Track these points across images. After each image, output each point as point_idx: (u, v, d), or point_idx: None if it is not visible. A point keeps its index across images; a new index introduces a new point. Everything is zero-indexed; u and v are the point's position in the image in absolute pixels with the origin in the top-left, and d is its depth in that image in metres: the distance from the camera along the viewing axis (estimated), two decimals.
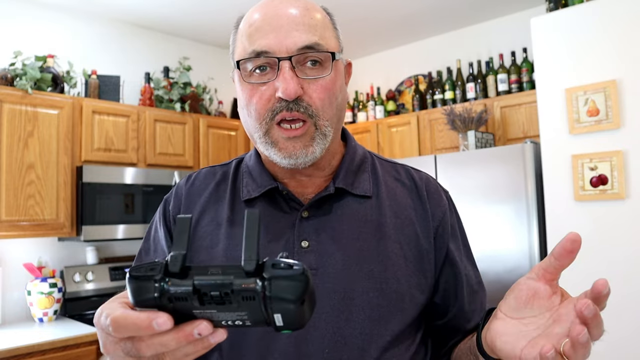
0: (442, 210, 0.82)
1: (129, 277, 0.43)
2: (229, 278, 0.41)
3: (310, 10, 0.74)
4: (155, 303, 0.42)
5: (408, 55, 3.98)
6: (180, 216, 0.45)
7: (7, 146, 2.59)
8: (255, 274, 0.41)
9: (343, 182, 0.79)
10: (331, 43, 0.75)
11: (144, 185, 3.02)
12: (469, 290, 0.82)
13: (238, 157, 0.89)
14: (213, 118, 3.54)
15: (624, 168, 2.13)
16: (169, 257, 0.43)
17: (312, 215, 0.77)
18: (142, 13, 3.32)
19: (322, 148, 0.74)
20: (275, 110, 0.71)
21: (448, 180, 2.74)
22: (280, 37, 0.70)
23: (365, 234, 0.77)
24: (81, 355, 2.43)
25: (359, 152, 0.85)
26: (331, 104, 0.74)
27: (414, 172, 0.86)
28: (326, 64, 0.73)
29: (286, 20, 0.71)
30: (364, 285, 0.73)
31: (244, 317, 0.42)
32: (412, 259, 0.77)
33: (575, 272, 2.39)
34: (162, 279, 0.42)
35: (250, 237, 0.43)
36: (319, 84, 0.72)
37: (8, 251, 2.82)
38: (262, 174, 0.80)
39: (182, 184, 0.87)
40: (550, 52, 2.36)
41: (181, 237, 0.44)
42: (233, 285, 0.41)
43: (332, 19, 0.80)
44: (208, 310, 0.42)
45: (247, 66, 0.73)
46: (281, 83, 0.70)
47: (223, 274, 0.42)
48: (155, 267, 0.42)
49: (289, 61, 0.70)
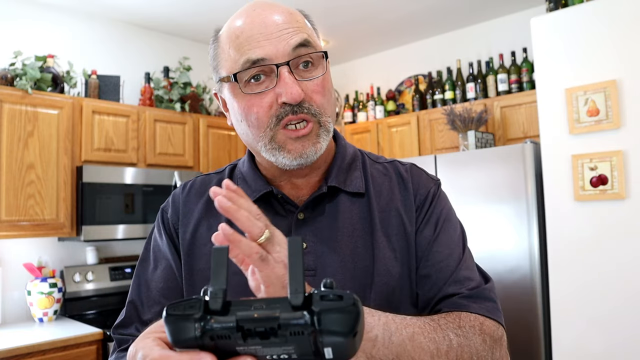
0: (424, 192, 0.82)
1: (167, 316, 0.41)
2: (275, 312, 0.39)
3: (293, 14, 0.75)
4: (196, 343, 0.40)
5: (408, 55, 3.98)
6: (216, 247, 0.43)
7: (7, 146, 2.59)
8: (303, 307, 0.39)
9: (335, 180, 0.80)
10: (318, 42, 0.77)
11: (144, 185, 3.02)
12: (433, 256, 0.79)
13: (231, 164, 0.90)
14: (213, 118, 3.54)
15: (624, 168, 2.13)
16: (209, 294, 0.41)
17: (307, 217, 0.78)
18: (142, 13, 3.32)
19: (327, 143, 0.75)
20: (280, 116, 0.72)
21: (448, 180, 2.74)
22: (273, 43, 0.71)
23: (359, 231, 0.78)
24: (81, 355, 2.43)
25: (350, 150, 0.86)
26: (329, 101, 0.76)
27: (400, 165, 0.88)
28: (318, 63, 0.75)
29: (275, 27, 0.72)
30: (359, 282, 0.75)
31: (290, 351, 0.40)
32: (400, 249, 0.78)
33: (576, 272, 2.40)
34: (203, 317, 0.40)
35: (295, 266, 0.41)
36: (316, 84, 0.73)
37: (8, 251, 2.82)
38: (256, 179, 0.81)
39: (179, 192, 0.88)
40: (550, 52, 2.36)
41: (219, 271, 0.42)
42: (280, 320, 0.39)
43: (310, 19, 0.81)
44: (252, 346, 0.40)
45: (242, 77, 0.73)
46: (284, 89, 0.70)
47: (268, 309, 0.40)
48: (195, 304, 0.40)
49: (287, 66, 0.71)
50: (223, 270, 0.42)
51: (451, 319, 0.70)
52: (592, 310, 2.18)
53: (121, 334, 0.81)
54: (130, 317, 0.82)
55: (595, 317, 2.17)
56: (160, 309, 0.80)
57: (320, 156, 0.78)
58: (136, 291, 0.83)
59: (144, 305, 0.81)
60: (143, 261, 0.86)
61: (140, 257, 0.87)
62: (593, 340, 2.17)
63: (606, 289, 2.15)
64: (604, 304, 2.15)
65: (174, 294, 0.81)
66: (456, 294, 0.75)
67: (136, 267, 0.87)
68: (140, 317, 0.81)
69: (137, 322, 0.81)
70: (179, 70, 3.55)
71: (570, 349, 2.24)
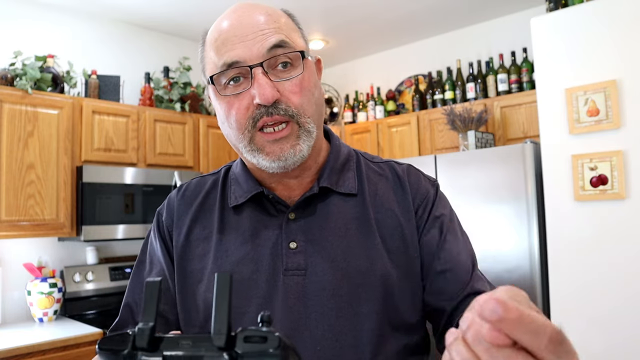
0: (423, 193, 0.82)
1: (99, 349, 0.43)
2: (199, 352, 0.40)
3: (272, 15, 0.75)
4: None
5: (408, 55, 3.98)
6: (148, 280, 0.43)
7: (7, 146, 2.59)
8: (226, 347, 0.39)
9: (327, 181, 0.80)
10: (298, 42, 0.76)
11: (144, 185, 3.02)
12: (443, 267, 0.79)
13: (227, 165, 0.90)
14: (213, 118, 3.53)
15: (624, 168, 2.13)
16: (136, 330, 0.42)
17: (298, 217, 0.78)
18: (142, 13, 3.32)
19: (309, 145, 0.74)
20: (256, 117, 0.72)
21: (448, 180, 2.74)
22: (248, 45, 0.71)
23: (351, 231, 0.78)
24: (81, 355, 2.43)
25: (343, 150, 0.86)
26: (309, 101, 0.74)
27: (396, 165, 0.87)
28: (296, 63, 0.74)
29: (251, 29, 0.72)
30: (351, 282, 0.74)
31: None
32: (395, 250, 0.77)
33: (576, 272, 2.39)
34: (132, 353, 0.41)
35: (221, 305, 0.40)
36: (293, 84, 0.73)
37: (8, 251, 2.82)
38: (247, 181, 0.82)
39: (174, 195, 0.89)
40: (550, 52, 2.36)
41: (150, 306, 0.42)
42: (203, 359, 0.40)
43: (295, 19, 0.80)
44: None
45: (220, 80, 0.73)
46: (257, 89, 0.70)
47: (194, 347, 0.41)
48: (126, 339, 0.42)
49: (260, 67, 0.71)
50: (153, 304, 0.42)
51: None
52: (592, 310, 2.18)
53: None
54: (125, 319, 0.83)
55: (595, 317, 2.17)
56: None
57: (310, 157, 0.78)
58: (131, 294, 0.84)
59: (139, 307, 0.82)
60: (139, 264, 0.87)
61: (137, 259, 0.88)
62: (593, 340, 2.17)
63: (606, 289, 2.15)
64: (604, 304, 2.15)
65: (167, 298, 0.81)
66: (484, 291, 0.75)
67: (133, 269, 0.88)
68: (135, 319, 0.82)
69: (132, 324, 0.81)
70: (179, 70, 3.55)
71: None
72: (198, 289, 0.78)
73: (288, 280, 0.75)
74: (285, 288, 0.74)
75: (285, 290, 0.74)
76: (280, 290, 0.74)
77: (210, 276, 0.77)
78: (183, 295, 0.80)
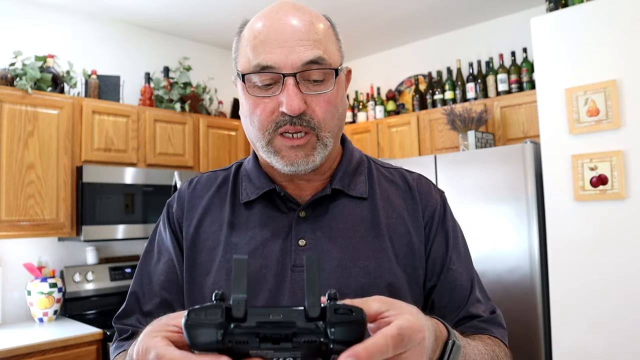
0: (432, 206, 0.84)
1: (188, 323, 0.43)
2: (292, 322, 0.44)
3: (314, 23, 0.74)
4: (216, 347, 0.43)
5: (408, 55, 3.98)
6: (236, 257, 0.45)
7: (7, 146, 2.59)
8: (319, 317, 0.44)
9: (340, 183, 0.81)
10: (334, 57, 0.76)
11: (144, 185, 3.02)
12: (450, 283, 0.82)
13: (238, 162, 0.91)
14: (213, 118, 3.54)
15: (624, 168, 2.13)
16: (232, 302, 0.44)
17: (309, 215, 0.79)
18: (142, 13, 3.32)
19: (322, 157, 0.76)
20: (279, 124, 0.73)
21: (448, 180, 2.74)
22: (285, 53, 0.71)
23: (360, 233, 0.79)
24: (81, 355, 2.43)
25: (356, 155, 0.87)
26: (333, 117, 0.75)
27: (407, 174, 0.88)
28: (329, 79, 0.74)
29: (290, 35, 0.72)
30: (358, 281, 0.75)
31: (297, 355, 0.44)
32: (403, 256, 0.79)
33: (576, 272, 2.39)
34: (225, 323, 0.43)
35: (312, 281, 0.44)
36: (322, 99, 0.73)
37: (8, 251, 2.82)
38: (260, 177, 0.83)
39: (185, 187, 0.90)
40: (550, 52, 2.36)
41: (240, 280, 0.45)
42: (296, 329, 0.43)
43: (335, 29, 0.80)
44: (265, 350, 0.44)
45: (251, 78, 0.73)
46: (285, 99, 0.70)
47: (285, 317, 0.44)
48: (216, 311, 0.43)
49: (293, 77, 0.71)
50: (244, 279, 0.45)
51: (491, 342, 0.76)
52: (592, 310, 2.18)
53: (122, 324, 0.84)
54: (131, 307, 0.84)
55: (595, 317, 2.17)
56: (160, 301, 0.82)
57: (324, 164, 0.79)
58: (138, 282, 0.86)
59: (145, 296, 0.83)
60: (147, 253, 0.88)
61: (144, 249, 0.89)
62: (593, 340, 2.17)
63: (606, 289, 2.15)
64: (604, 304, 2.15)
65: (174, 288, 0.83)
66: (478, 315, 0.80)
67: (140, 258, 0.89)
68: (141, 308, 0.83)
69: (138, 312, 0.83)
70: (179, 70, 3.55)
71: (570, 349, 2.24)
72: (206, 281, 0.79)
73: (296, 277, 0.76)
74: (293, 284, 0.75)
75: (293, 286, 0.75)
76: (288, 286, 0.76)
77: (219, 269, 0.78)
78: (191, 286, 0.81)
